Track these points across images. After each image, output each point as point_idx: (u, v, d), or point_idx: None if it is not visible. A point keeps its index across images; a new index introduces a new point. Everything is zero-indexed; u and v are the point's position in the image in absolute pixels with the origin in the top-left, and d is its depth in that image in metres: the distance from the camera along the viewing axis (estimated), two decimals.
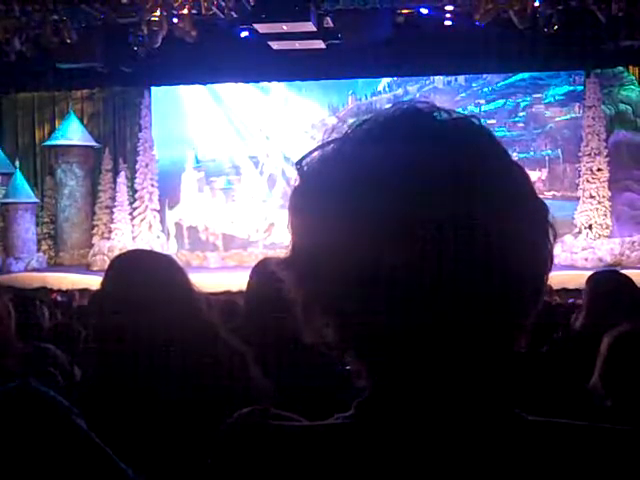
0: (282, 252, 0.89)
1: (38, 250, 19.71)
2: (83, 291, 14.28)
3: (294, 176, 0.89)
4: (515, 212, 0.83)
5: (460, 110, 0.90)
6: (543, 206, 0.87)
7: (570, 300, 10.11)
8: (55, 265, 19.65)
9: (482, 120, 0.89)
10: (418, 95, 18.29)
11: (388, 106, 0.89)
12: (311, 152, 0.89)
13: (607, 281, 3.55)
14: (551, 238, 0.87)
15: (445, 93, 18.57)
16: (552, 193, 18.22)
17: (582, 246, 18.01)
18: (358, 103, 19.07)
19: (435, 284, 0.79)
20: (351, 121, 0.89)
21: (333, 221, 0.82)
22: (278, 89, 19.20)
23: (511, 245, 0.81)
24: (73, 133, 19.50)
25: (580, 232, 18.34)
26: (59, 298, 13.37)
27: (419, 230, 0.79)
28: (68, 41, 13.70)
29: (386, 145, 0.84)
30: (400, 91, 18.71)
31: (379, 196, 0.80)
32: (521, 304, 0.84)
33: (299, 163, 0.88)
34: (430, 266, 0.79)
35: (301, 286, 0.86)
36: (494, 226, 0.80)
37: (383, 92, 18.96)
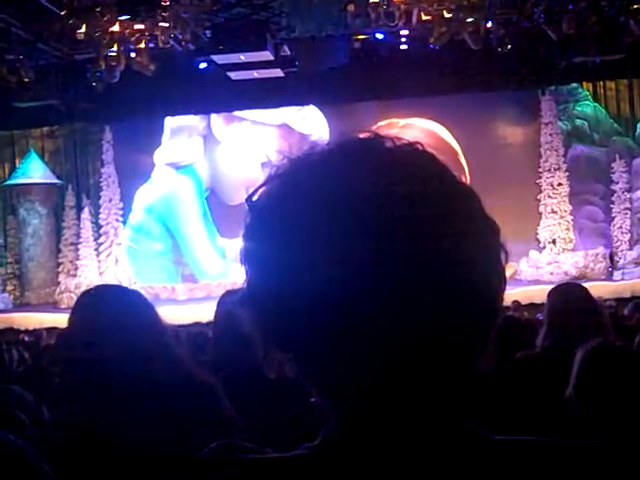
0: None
1: (3, 291, 19.44)
2: (51, 330, 14.10)
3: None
4: (465, 233, 0.84)
5: None
6: (494, 226, 0.88)
7: (538, 315, 10.19)
8: (21, 305, 19.38)
9: None
10: None
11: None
12: (259, 187, 0.89)
13: (562, 295, 3.62)
14: (502, 258, 0.88)
15: None
16: None
17: (547, 261, 18.20)
18: None
19: (390, 311, 0.80)
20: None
21: (285, 255, 0.83)
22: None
23: (463, 266, 0.82)
24: (34, 171, 19.35)
25: (544, 247, 18.55)
26: (26, 338, 13.18)
27: (370, 259, 0.80)
28: (26, 80, 13.62)
29: (332, 175, 0.85)
30: None
31: (329, 227, 0.81)
32: (477, 325, 0.85)
33: (249, 199, 0.89)
34: (383, 292, 0.80)
35: (258, 323, 0.87)
36: (446, 249, 0.81)
37: None
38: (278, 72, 14.43)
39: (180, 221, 19.62)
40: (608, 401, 2.41)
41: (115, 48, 12.77)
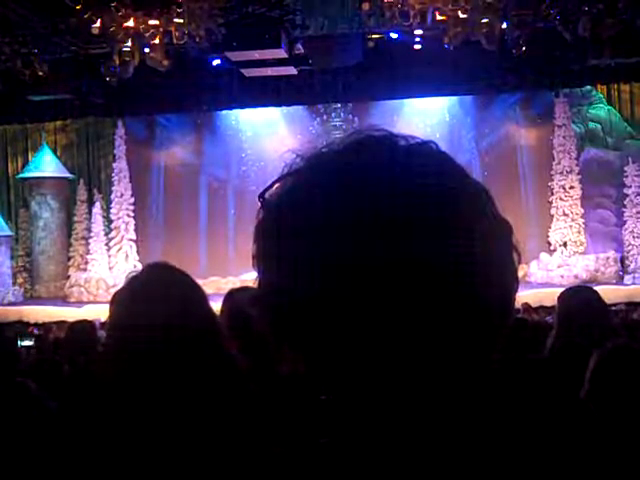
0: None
1: (14, 283, 19.52)
2: (60, 323, 14.14)
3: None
4: (479, 233, 0.83)
5: None
6: (507, 226, 0.87)
7: (548, 317, 10.21)
8: (31, 298, 19.47)
9: None
10: None
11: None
12: (272, 184, 0.88)
13: (573, 298, 3.61)
14: (515, 258, 0.87)
15: None
16: None
17: (558, 263, 18.16)
18: None
19: (403, 309, 0.80)
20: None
21: (299, 253, 0.82)
22: None
23: (477, 265, 0.82)
24: (46, 165, 19.42)
25: (555, 250, 18.50)
26: (36, 331, 13.24)
27: (384, 257, 0.79)
28: (40, 73, 13.67)
29: (346, 174, 0.84)
30: None
31: (343, 225, 0.81)
32: (489, 325, 0.85)
33: (262, 196, 0.88)
34: (396, 291, 0.80)
35: (269, 322, 0.86)
36: (460, 248, 0.81)
37: None
38: (291, 70, 14.43)
39: None
40: (624, 403, 2.40)
41: (129, 43, 12.80)
